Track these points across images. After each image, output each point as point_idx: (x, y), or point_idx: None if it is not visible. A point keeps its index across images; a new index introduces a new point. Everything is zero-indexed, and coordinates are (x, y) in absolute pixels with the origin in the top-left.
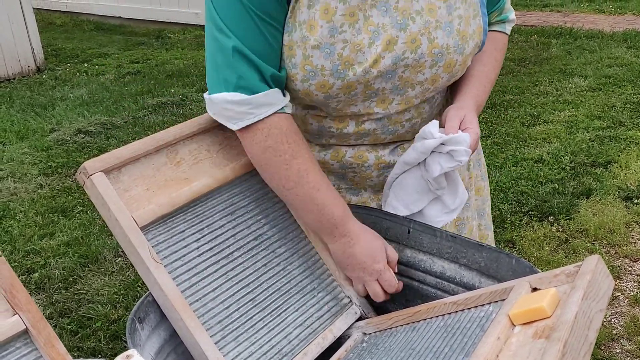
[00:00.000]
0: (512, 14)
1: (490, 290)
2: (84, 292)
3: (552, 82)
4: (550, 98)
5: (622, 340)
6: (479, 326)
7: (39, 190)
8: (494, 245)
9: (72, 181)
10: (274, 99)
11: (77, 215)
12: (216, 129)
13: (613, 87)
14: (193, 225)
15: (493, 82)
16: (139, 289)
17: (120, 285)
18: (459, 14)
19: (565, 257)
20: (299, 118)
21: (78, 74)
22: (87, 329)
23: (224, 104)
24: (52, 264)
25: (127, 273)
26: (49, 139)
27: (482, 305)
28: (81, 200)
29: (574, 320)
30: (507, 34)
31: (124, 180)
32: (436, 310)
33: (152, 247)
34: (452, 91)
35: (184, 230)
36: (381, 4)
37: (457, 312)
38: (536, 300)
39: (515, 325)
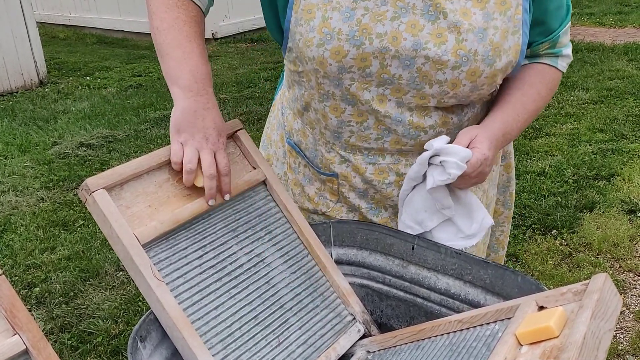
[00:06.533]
0: (567, 49)
1: (496, 308)
2: (85, 306)
3: (553, 94)
4: (552, 111)
5: (627, 356)
6: (485, 345)
7: (41, 204)
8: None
9: (74, 195)
10: None
11: (79, 229)
12: None
13: (615, 100)
14: (195, 243)
15: (531, 114)
16: (140, 303)
17: (121, 300)
18: (495, 24)
19: (569, 271)
20: (319, 112)
21: (80, 87)
22: (88, 344)
23: None
24: (53, 278)
25: (128, 287)
26: (50, 152)
27: (488, 323)
28: (82, 214)
29: (582, 340)
30: (559, 70)
31: (126, 197)
32: (441, 328)
33: (154, 264)
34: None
35: (186, 248)
36: None
37: (462, 330)
38: (543, 320)
39: (522, 345)
